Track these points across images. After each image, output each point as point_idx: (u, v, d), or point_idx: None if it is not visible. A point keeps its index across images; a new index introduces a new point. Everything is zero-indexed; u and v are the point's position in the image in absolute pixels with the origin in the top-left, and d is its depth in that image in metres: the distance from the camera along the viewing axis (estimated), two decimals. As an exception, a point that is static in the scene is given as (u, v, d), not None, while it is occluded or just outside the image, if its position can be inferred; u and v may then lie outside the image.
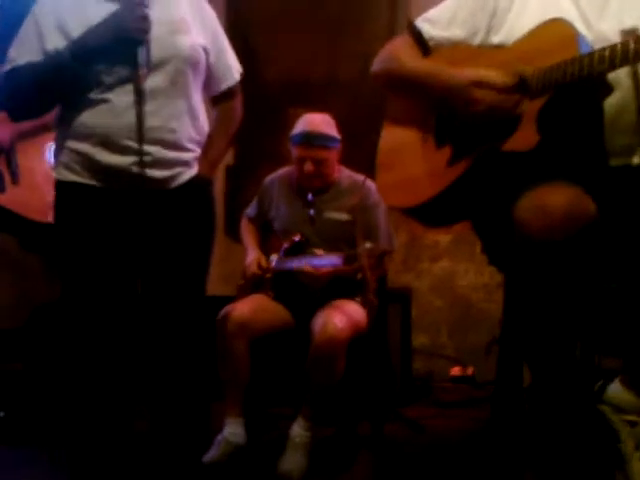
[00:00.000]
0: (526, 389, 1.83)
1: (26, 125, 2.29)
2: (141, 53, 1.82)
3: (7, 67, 1.86)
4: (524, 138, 1.62)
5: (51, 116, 2.06)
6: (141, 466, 1.96)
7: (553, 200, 1.46)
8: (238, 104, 2.15)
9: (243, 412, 2.60)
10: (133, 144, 1.84)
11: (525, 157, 1.62)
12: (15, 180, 2.27)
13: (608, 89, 1.63)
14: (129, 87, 1.84)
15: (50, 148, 2.37)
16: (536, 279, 1.51)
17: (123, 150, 1.85)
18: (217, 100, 2.10)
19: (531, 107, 1.63)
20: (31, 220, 2.34)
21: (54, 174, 1.94)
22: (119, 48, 1.81)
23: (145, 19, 1.83)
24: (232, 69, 2.10)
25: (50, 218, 2.24)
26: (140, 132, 1.83)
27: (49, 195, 2.30)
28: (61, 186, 1.94)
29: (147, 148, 1.85)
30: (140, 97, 1.83)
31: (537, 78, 1.63)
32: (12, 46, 1.88)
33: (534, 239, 1.46)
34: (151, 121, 1.85)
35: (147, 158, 1.86)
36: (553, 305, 1.53)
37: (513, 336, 1.86)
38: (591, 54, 1.54)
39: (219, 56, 2.06)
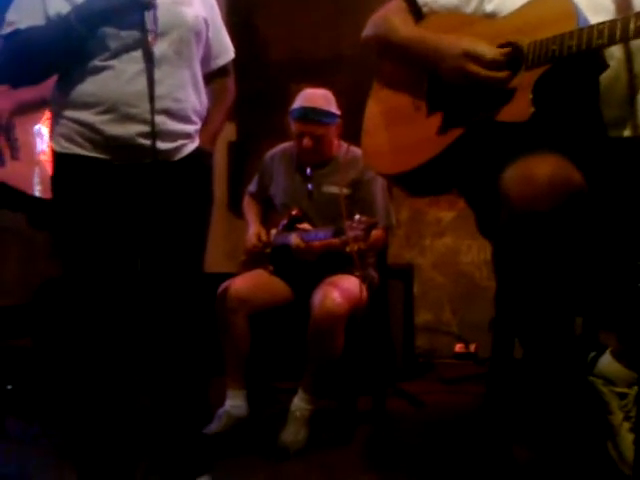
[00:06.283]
0: (520, 364, 1.83)
1: (26, 98, 2.27)
2: (148, 18, 1.79)
3: (6, 30, 1.81)
4: (518, 109, 1.59)
5: (50, 90, 2.06)
6: (145, 439, 1.99)
7: (538, 169, 1.44)
8: (232, 83, 2.15)
9: (245, 385, 2.64)
10: (141, 113, 1.81)
11: (517, 128, 1.60)
12: (15, 155, 2.27)
13: (604, 64, 1.61)
14: (135, 54, 1.81)
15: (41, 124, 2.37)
16: (523, 252, 1.50)
17: (130, 119, 1.81)
18: (211, 77, 2.08)
19: (526, 78, 1.60)
20: (37, 197, 2.34)
21: (52, 145, 1.88)
22: (126, 12, 1.78)
23: None
24: (227, 47, 2.12)
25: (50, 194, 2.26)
26: (152, 100, 1.79)
27: (49, 170, 2.33)
28: (60, 158, 1.88)
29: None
30: (151, 63, 1.80)
31: (534, 50, 1.60)
32: (10, 9, 1.83)
33: (518, 209, 1.45)
34: (158, 89, 1.82)
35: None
36: (542, 279, 1.52)
37: (506, 311, 1.86)
38: (590, 28, 1.50)
39: (216, 32, 2.06)
